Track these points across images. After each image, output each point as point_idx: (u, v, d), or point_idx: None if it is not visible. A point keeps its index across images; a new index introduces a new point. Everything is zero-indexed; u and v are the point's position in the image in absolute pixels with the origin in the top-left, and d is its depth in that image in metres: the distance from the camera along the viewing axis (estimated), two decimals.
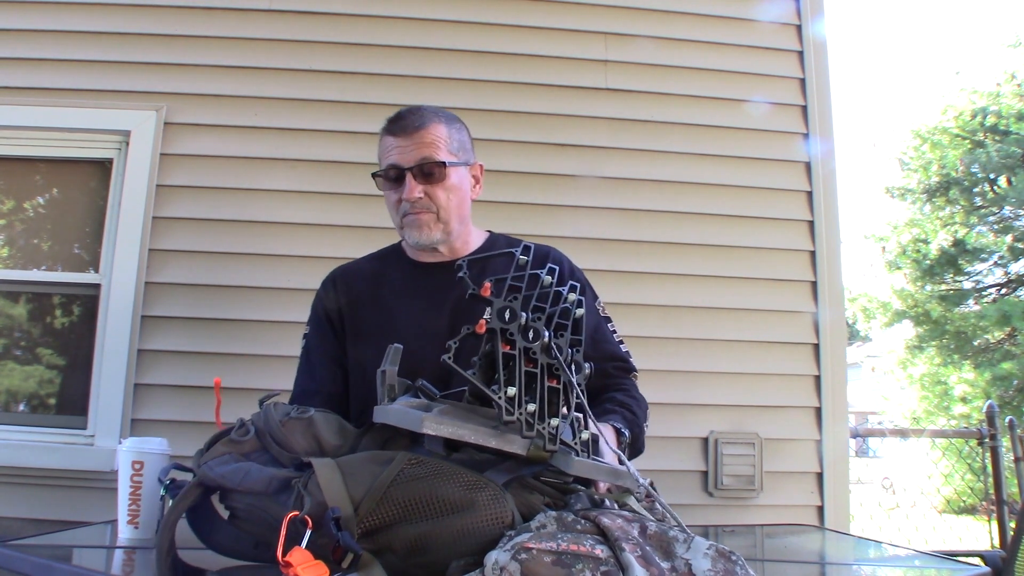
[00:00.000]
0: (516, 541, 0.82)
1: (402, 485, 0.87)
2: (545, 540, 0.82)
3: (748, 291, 2.50)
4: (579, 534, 0.85)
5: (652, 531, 0.89)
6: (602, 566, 0.80)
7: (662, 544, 0.86)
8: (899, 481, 5.56)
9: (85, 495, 2.18)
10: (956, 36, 40.85)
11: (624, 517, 0.91)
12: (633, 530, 0.88)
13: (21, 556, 1.13)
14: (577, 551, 0.81)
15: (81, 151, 2.45)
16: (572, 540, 0.83)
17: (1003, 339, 11.28)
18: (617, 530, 0.86)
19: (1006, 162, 11.30)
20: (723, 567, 0.83)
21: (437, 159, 1.33)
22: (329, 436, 1.01)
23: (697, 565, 0.82)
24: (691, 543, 0.86)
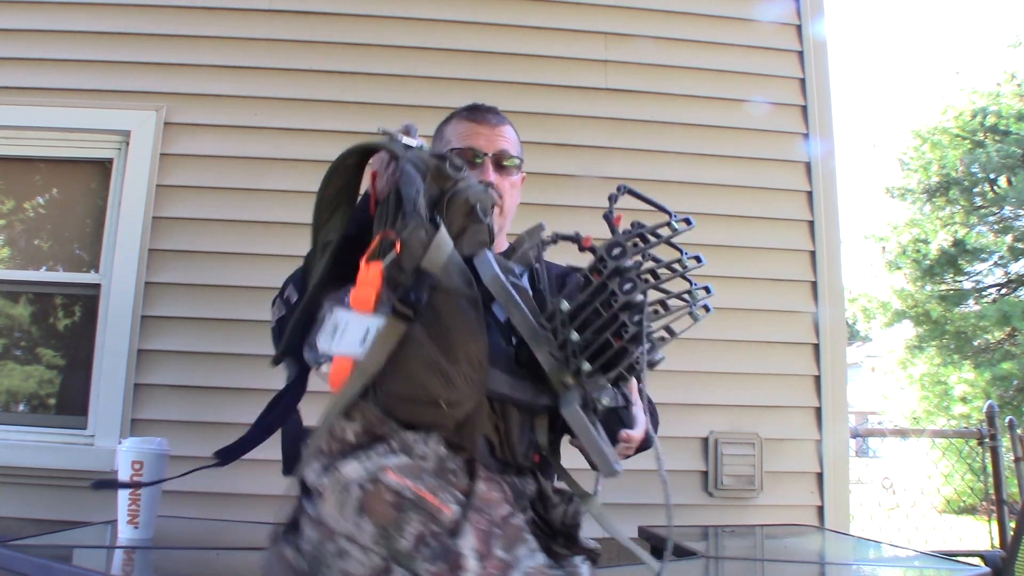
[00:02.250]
0: (382, 463, 0.77)
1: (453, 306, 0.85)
2: (408, 475, 0.77)
3: (748, 291, 2.50)
4: (446, 485, 0.79)
5: (516, 524, 0.82)
6: (435, 525, 0.75)
7: (512, 538, 0.80)
8: (899, 481, 5.56)
9: (85, 495, 2.17)
10: (956, 36, 40.81)
11: (505, 496, 0.84)
12: (499, 510, 0.81)
13: (21, 556, 1.13)
14: (426, 499, 0.76)
15: (81, 151, 2.45)
16: (432, 487, 0.77)
17: (1003, 339, 11.28)
18: (483, 500, 0.80)
19: (1006, 162, 11.30)
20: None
21: (513, 154, 1.39)
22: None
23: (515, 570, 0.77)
24: (535, 557, 0.80)
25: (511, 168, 1.38)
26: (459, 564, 0.74)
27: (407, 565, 0.74)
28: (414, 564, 0.74)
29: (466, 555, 0.74)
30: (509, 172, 1.38)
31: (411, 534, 0.74)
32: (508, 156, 1.38)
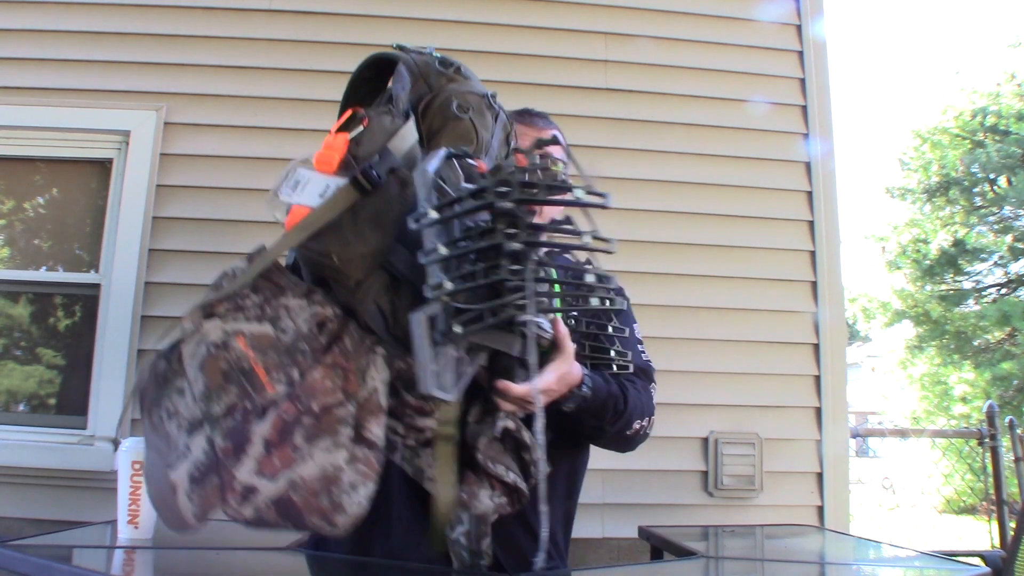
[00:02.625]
0: (239, 328, 0.83)
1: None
2: (256, 346, 0.82)
3: (748, 291, 2.50)
4: (288, 364, 0.83)
5: (338, 415, 0.83)
6: (248, 402, 0.80)
7: (321, 430, 0.82)
8: (899, 481, 5.56)
9: (85, 495, 2.18)
10: (956, 36, 40.83)
11: (347, 384, 0.85)
12: (325, 399, 0.83)
13: (21, 556, 1.13)
14: (256, 374, 0.81)
15: (81, 151, 2.45)
16: (270, 364, 0.82)
17: (1003, 339, 11.28)
18: (308, 388, 0.82)
19: (1006, 162, 11.30)
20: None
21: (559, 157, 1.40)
22: None
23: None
24: (336, 452, 0.81)
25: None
26: (242, 448, 0.78)
27: (211, 428, 0.79)
28: (215, 431, 0.79)
29: (254, 441, 0.79)
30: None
31: (225, 403, 0.80)
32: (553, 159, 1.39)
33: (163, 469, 0.80)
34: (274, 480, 0.79)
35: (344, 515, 0.81)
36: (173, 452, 0.80)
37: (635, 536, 2.12)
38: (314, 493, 0.80)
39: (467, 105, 1.03)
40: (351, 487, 0.82)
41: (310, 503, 0.79)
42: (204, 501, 0.78)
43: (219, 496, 0.78)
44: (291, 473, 0.79)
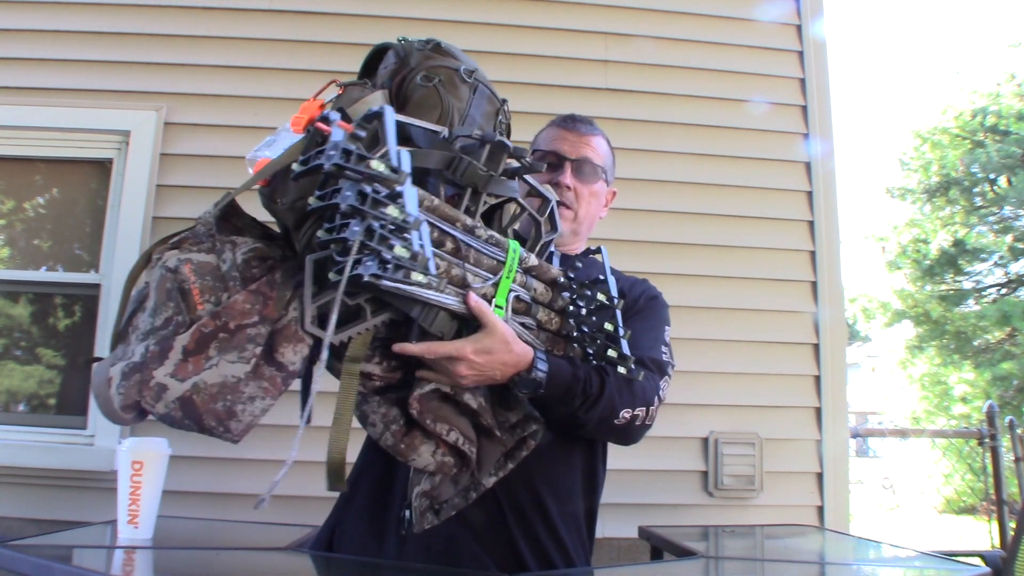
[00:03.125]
0: (190, 257, 0.96)
1: None
2: (197, 271, 0.95)
3: (748, 291, 2.50)
4: (220, 289, 0.94)
5: (249, 334, 0.93)
6: (180, 316, 0.93)
7: (231, 344, 0.92)
8: (899, 481, 5.56)
9: (85, 495, 2.18)
10: (956, 36, 40.85)
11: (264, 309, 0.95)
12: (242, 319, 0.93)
13: (21, 556, 1.13)
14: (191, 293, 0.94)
15: (81, 151, 2.45)
16: (204, 287, 0.94)
17: (1003, 339, 11.28)
18: (228, 308, 0.93)
19: (1006, 162, 11.30)
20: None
21: (596, 163, 1.41)
22: None
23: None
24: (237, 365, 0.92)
25: (591, 176, 1.41)
26: (166, 352, 0.91)
27: (151, 337, 0.93)
28: (152, 338, 0.93)
29: (175, 348, 0.91)
30: (590, 180, 1.41)
31: (163, 316, 0.93)
32: (590, 164, 1.41)
33: (108, 365, 0.94)
34: (183, 382, 0.90)
35: (237, 422, 0.91)
36: (123, 355, 0.94)
37: (635, 536, 2.12)
38: (212, 397, 0.90)
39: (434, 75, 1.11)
40: (248, 399, 0.92)
41: (208, 406, 0.90)
42: (127, 394, 0.90)
43: (138, 391, 0.90)
44: (197, 377, 0.90)
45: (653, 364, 1.28)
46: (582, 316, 1.14)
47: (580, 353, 1.15)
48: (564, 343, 1.16)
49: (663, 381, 1.31)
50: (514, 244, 1.08)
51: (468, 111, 1.12)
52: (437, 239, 0.97)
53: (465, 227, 1.02)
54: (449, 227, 1.00)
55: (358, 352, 0.98)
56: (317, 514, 1.69)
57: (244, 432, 0.92)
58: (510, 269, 1.05)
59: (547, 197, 1.19)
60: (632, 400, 1.21)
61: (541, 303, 1.13)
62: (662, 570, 1.67)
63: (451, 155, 1.03)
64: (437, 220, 0.97)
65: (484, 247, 1.04)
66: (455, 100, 1.10)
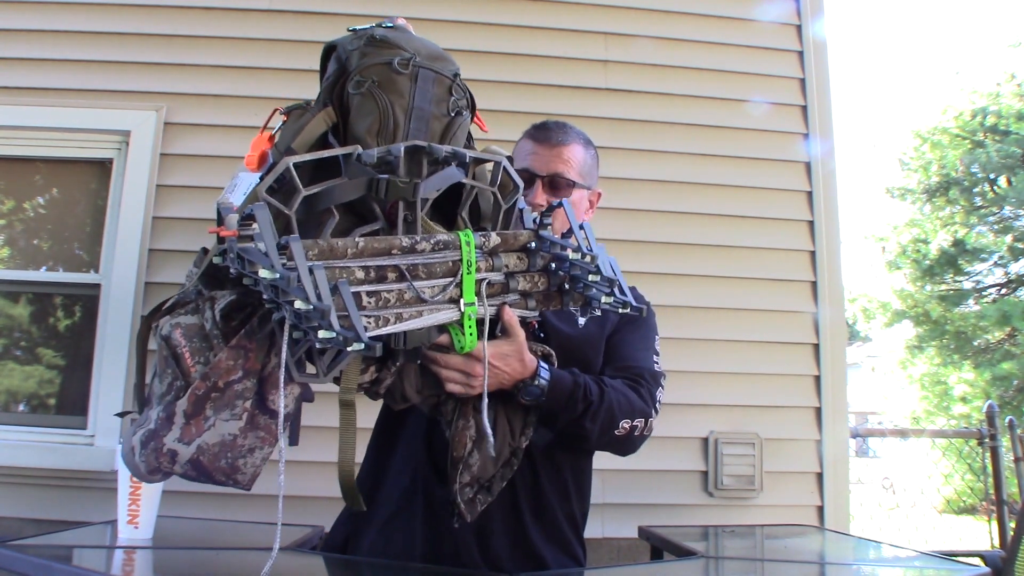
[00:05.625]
0: (178, 322, 1.00)
1: None
2: (186, 336, 0.99)
3: (748, 291, 2.50)
4: (205, 350, 0.98)
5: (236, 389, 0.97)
6: (179, 380, 0.98)
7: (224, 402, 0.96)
8: (899, 481, 5.56)
9: (85, 495, 2.18)
10: (956, 36, 40.86)
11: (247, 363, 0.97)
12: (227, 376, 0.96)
13: (21, 556, 1.13)
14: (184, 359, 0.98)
15: (81, 151, 2.45)
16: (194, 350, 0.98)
17: (1003, 339, 11.28)
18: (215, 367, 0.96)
19: (1006, 162, 11.30)
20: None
21: (568, 177, 1.39)
22: None
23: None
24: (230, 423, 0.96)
25: (565, 191, 1.39)
26: (171, 418, 0.95)
27: (158, 403, 0.98)
28: (159, 405, 0.97)
29: (178, 413, 0.95)
30: (562, 195, 1.38)
31: (166, 383, 0.99)
32: (562, 178, 1.39)
33: (130, 435, 0.99)
34: (189, 445, 0.94)
35: (242, 475, 0.97)
36: (143, 421, 0.99)
37: (635, 536, 2.12)
38: (215, 456, 0.95)
39: (365, 79, 1.08)
40: (248, 451, 0.97)
41: (214, 464, 0.95)
42: (148, 461, 0.95)
43: (155, 458, 0.95)
44: (200, 440, 0.95)
45: (650, 376, 1.31)
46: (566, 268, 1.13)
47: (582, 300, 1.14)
48: (560, 297, 1.14)
49: (659, 391, 1.33)
50: (466, 236, 1.04)
51: (412, 103, 1.08)
52: (378, 275, 0.96)
53: (403, 249, 0.99)
54: (384, 260, 0.97)
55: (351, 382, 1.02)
56: (317, 514, 1.69)
57: (252, 480, 0.98)
58: (468, 264, 1.03)
59: (496, 160, 1.14)
60: (631, 411, 1.24)
61: (519, 272, 1.10)
62: (662, 570, 1.67)
63: (368, 179, 1.00)
64: (370, 261, 0.96)
65: (431, 258, 1.01)
66: (394, 97, 1.06)
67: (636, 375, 1.29)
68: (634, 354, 1.34)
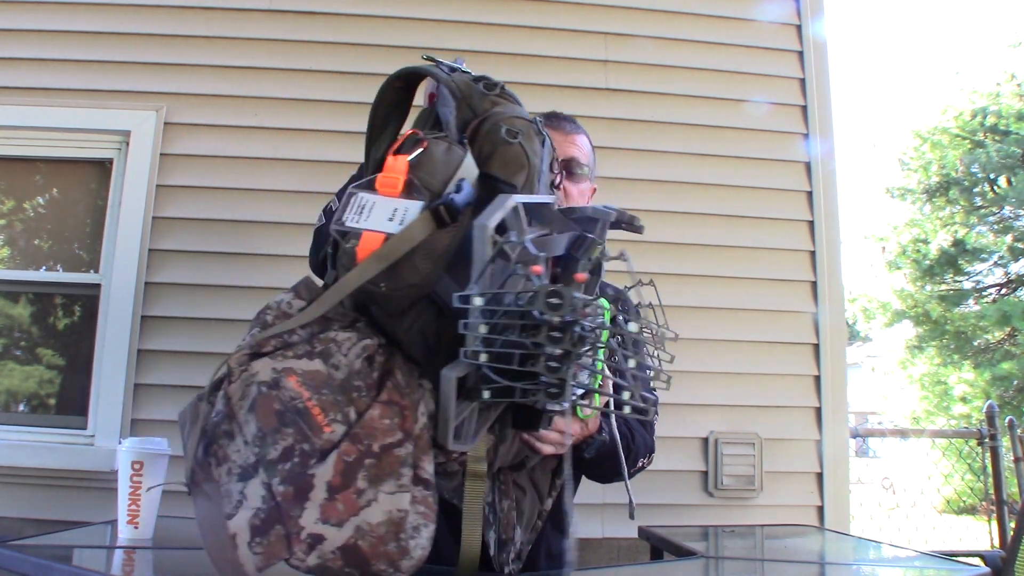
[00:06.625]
0: (290, 366, 0.80)
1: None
2: (309, 385, 0.79)
3: (748, 291, 2.50)
4: (344, 403, 0.80)
5: (398, 455, 0.80)
6: (306, 444, 0.77)
7: (384, 471, 0.79)
8: (899, 481, 5.56)
9: (85, 495, 2.18)
10: (956, 36, 40.85)
11: (403, 423, 0.81)
12: (384, 439, 0.80)
13: (21, 556, 1.13)
14: (312, 414, 0.78)
15: (81, 151, 2.45)
16: (325, 404, 0.78)
17: (1003, 339, 11.28)
18: (368, 427, 0.79)
19: (1006, 162, 11.30)
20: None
21: (582, 162, 1.43)
22: None
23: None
24: (400, 496, 0.79)
25: (580, 175, 1.41)
26: (305, 492, 0.74)
27: (267, 473, 0.75)
28: (272, 475, 0.75)
29: (316, 486, 0.75)
30: (578, 179, 1.41)
31: (282, 445, 0.76)
32: (578, 164, 1.41)
33: (220, 519, 0.75)
34: (340, 527, 0.75)
35: (410, 559, 0.79)
36: (227, 500, 0.76)
37: (635, 536, 2.12)
38: (382, 539, 0.77)
39: (516, 130, 0.97)
40: (415, 530, 0.79)
41: (377, 549, 0.77)
42: (268, 551, 0.74)
43: (285, 546, 0.74)
44: (357, 519, 0.76)
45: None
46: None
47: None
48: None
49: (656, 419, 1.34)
50: (604, 303, 0.94)
51: (541, 167, 1.01)
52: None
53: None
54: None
55: (480, 451, 0.95)
56: None
57: (414, 568, 0.80)
58: (606, 333, 0.91)
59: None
60: (646, 450, 1.33)
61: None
62: (662, 570, 1.66)
63: (577, 235, 0.92)
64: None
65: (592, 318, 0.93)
66: (535, 158, 0.99)
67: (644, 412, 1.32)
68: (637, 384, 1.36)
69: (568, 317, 0.74)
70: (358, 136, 1.05)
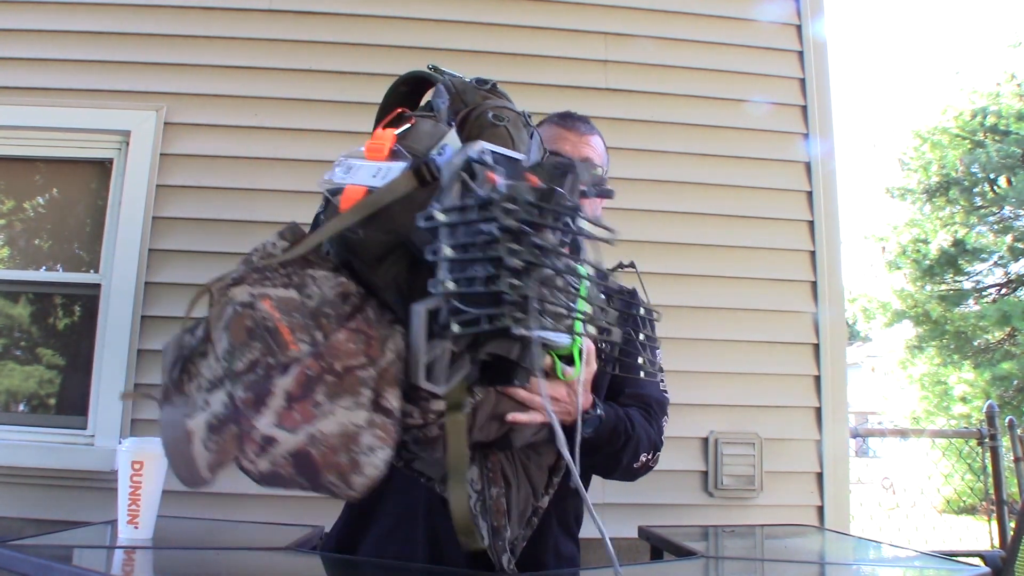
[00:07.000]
0: (266, 292, 0.84)
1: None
2: (281, 308, 0.83)
3: (748, 291, 2.50)
4: (313, 327, 0.83)
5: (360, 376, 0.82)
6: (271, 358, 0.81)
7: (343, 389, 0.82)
8: (899, 481, 5.57)
9: (85, 495, 2.18)
10: (956, 36, 40.86)
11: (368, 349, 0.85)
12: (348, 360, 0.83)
13: (21, 556, 1.13)
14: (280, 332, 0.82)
15: (81, 151, 2.45)
16: (294, 324, 0.82)
17: (1003, 339, 11.28)
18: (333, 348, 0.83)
19: (1006, 162, 11.30)
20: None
21: (597, 163, 1.45)
22: None
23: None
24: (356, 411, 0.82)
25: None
26: (264, 399, 0.78)
27: (231, 383, 0.80)
28: (236, 385, 0.79)
29: (276, 394, 0.79)
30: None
31: (248, 358, 0.81)
32: (592, 164, 1.41)
33: (180, 418, 0.80)
34: (293, 432, 0.78)
35: (361, 475, 0.81)
36: (191, 407, 0.81)
37: (635, 536, 2.12)
38: (333, 449, 0.80)
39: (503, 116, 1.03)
40: (369, 449, 0.82)
41: (329, 459, 0.79)
42: (221, 449, 0.78)
43: (237, 445, 0.78)
44: (311, 427, 0.79)
45: (659, 407, 1.33)
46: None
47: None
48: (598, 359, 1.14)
49: (665, 421, 1.36)
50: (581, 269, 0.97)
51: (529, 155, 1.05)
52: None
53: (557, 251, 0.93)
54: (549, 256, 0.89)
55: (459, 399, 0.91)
56: (317, 514, 1.69)
57: (367, 488, 0.82)
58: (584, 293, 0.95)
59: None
60: (649, 444, 1.28)
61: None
62: (662, 570, 1.66)
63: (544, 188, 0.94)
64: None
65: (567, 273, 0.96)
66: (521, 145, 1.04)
67: (646, 405, 1.32)
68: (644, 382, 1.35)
69: (525, 226, 0.77)
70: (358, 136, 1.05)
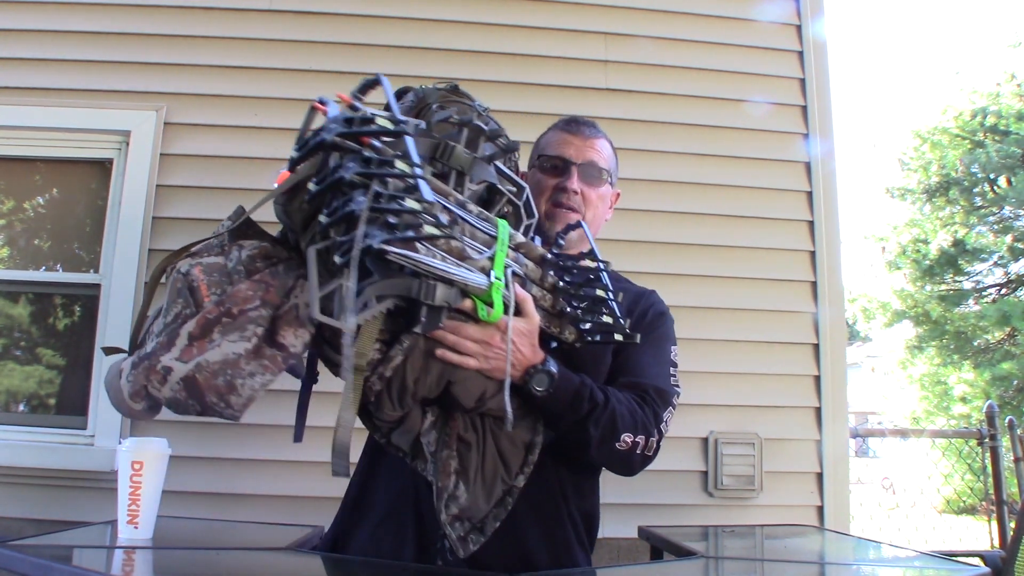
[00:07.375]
0: (201, 261, 1.01)
1: None
2: (206, 271, 1.00)
3: (748, 291, 2.50)
4: (225, 283, 0.99)
5: (251, 315, 0.96)
6: (188, 309, 0.98)
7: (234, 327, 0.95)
8: (899, 481, 5.57)
9: (85, 495, 2.18)
10: (956, 36, 40.88)
11: (266, 294, 0.98)
12: (244, 305, 0.97)
13: (21, 556, 1.13)
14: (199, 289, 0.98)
15: (81, 151, 2.45)
16: (212, 282, 0.99)
17: (1003, 339, 11.28)
18: (231, 296, 0.96)
19: (1006, 162, 11.29)
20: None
21: (602, 166, 1.43)
22: None
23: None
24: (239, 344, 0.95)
25: (598, 180, 1.42)
26: (173, 340, 0.95)
27: (159, 333, 0.98)
28: (161, 333, 0.97)
29: (181, 335, 0.95)
30: (596, 183, 1.42)
31: (174, 312, 0.98)
32: (596, 167, 1.42)
33: (119, 361, 1.00)
34: (186, 363, 0.93)
35: (237, 396, 0.94)
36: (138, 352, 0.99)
37: (635, 536, 2.12)
38: (213, 373, 0.93)
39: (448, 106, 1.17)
40: (249, 375, 0.94)
41: (210, 382, 0.93)
42: (136, 380, 0.94)
43: (146, 376, 0.94)
44: (200, 358, 0.93)
45: (657, 394, 1.27)
46: (571, 290, 1.18)
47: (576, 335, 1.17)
48: (560, 320, 1.17)
49: (666, 412, 1.29)
50: (502, 221, 1.11)
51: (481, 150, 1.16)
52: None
53: (457, 201, 1.05)
54: (443, 199, 1.02)
55: (366, 345, 0.98)
56: (317, 514, 1.69)
57: (244, 407, 0.95)
58: (503, 243, 1.07)
59: (521, 185, 1.21)
60: (634, 426, 1.22)
61: (532, 280, 1.15)
62: (662, 570, 1.67)
63: (436, 141, 1.07)
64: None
65: (477, 221, 1.07)
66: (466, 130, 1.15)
67: (642, 391, 1.26)
68: (644, 369, 1.30)
69: (352, 143, 0.92)
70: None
